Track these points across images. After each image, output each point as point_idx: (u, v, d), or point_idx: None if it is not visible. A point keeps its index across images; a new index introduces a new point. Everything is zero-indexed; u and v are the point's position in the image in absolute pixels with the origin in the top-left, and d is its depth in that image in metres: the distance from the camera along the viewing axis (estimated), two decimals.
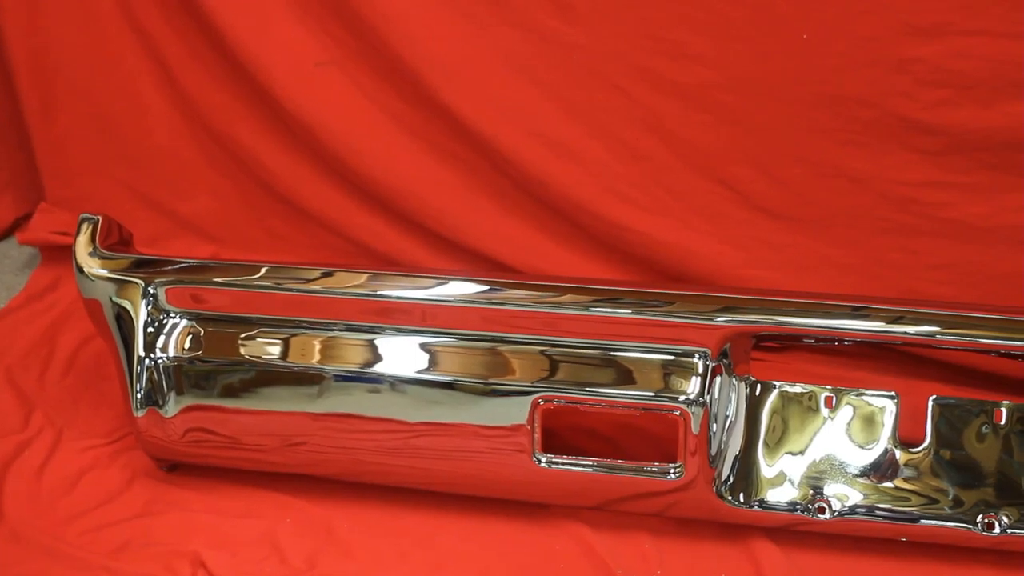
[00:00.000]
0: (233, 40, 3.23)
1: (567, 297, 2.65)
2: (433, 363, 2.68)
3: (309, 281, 2.72)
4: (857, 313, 2.59)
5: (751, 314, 2.58)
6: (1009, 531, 2.59)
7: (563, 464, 2.66)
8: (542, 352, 2.66)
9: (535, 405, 2.62)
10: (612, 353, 2.64)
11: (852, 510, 2.64)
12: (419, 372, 2.67)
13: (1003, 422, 2.68)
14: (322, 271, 2.74)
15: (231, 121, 3.38)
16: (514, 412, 2.63)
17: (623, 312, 2.61)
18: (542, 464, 2.66)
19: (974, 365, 3.02)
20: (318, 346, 2.72)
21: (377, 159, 3.24)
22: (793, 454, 2.72)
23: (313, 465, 2.81)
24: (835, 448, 2.71)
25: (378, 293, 2.69)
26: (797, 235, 3.08)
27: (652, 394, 2.60)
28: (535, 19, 3.03)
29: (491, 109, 3.12)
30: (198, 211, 3.53)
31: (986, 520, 2.60)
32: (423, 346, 2.69)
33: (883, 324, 2.57)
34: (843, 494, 2.66)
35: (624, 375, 2.62)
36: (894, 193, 2.99)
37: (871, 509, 2.64)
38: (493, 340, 2.68)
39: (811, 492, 2.67)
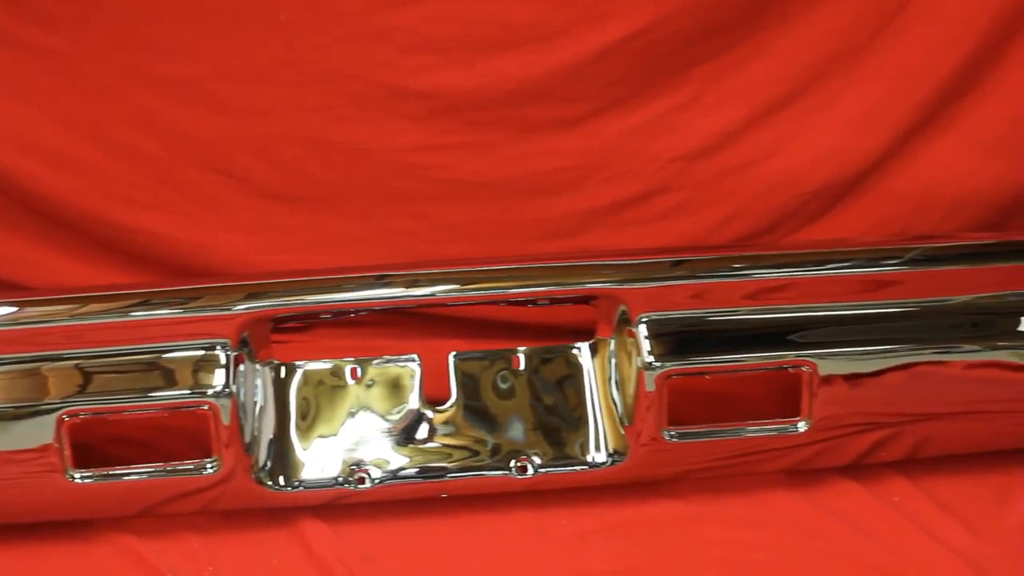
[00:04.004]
0: None
1: (89, 307, 2.63)
2: None
3: None
4: (374, 283, 2.67)
5: (264, 299, 2.62)
6: (541, 471, 2.70)
7: (96, 477, 2.62)
8: (75, 366, 2.62)
9: (60, 422, 2.57)
10: (139, 357, 2.63)
11: (393, 475, 2.71)
12: None
13: (522, 367, 2.79)
14: None
15: None
16: (41, 432, 2.58)
17: (141, 314, 2.62)
18: (76, 480, 2.61)
19: (490, 317, 3.12)
20: None
21: None
22: (327, 430, 2.76)
23: None
24: (367, 418, 2.77)
25: None
26: (305, 215, 3.10)
27: (179, 392, 2.60)
28: (10, 31, 2.91)
29: None
30: None
31: (519, 464, 2.70)
32: None
33: (401, 289, 2.65)
34: (381, 461, 2.72)
35: (152, 377, 2.61)
36: (392, 161, 3.04)
37: (409, 471, 2.71)
38: (17, 362, 2.62)
39: (350, 465, 2.72)
